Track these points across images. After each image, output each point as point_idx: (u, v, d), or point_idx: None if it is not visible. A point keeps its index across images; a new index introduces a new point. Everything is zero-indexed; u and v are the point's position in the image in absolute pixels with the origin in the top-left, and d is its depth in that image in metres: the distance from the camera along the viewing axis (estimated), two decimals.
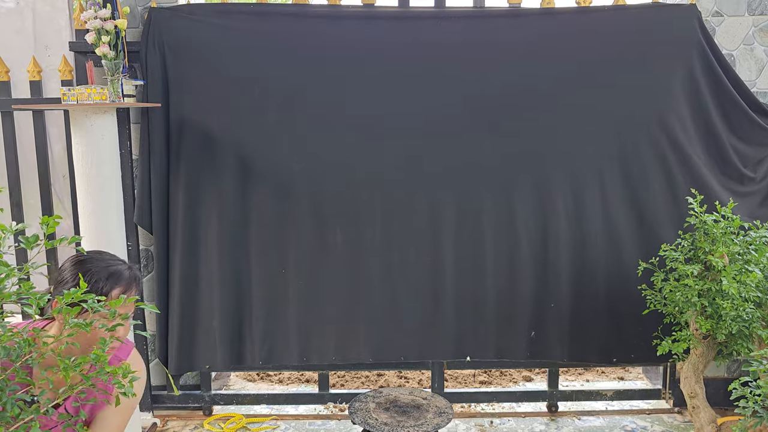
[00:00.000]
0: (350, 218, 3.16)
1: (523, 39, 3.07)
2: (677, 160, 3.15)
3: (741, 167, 3.19)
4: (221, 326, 3.21)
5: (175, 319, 3.18)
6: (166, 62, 3.04)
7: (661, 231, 3.19)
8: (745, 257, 2.70)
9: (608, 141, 3.15)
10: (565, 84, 3.09)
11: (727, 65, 3.12)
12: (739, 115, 3.13)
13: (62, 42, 3.35)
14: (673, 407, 3.46)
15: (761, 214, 3.16)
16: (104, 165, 2.91)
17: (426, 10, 3.11)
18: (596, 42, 3.08)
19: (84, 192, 2.91)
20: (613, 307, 3.24)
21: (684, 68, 3.09)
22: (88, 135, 2.85)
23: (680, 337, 2.84)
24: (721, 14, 3.20)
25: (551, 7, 3.14)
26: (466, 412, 3.47)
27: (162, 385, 3.40)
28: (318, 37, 3.04)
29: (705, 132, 3.15)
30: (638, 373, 3.99)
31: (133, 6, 3.12)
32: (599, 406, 3.54)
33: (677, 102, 3.11)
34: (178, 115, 3.08)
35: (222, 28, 3.04)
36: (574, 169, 3.16)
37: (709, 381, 3.08)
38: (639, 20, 3.10)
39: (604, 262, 3.22)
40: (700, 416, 2.85)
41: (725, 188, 3.20)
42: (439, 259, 3.21)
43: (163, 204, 3.14)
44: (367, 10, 3.09)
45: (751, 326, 2.62)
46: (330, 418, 3.43)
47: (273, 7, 3.17)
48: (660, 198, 3.18)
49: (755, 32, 3.22)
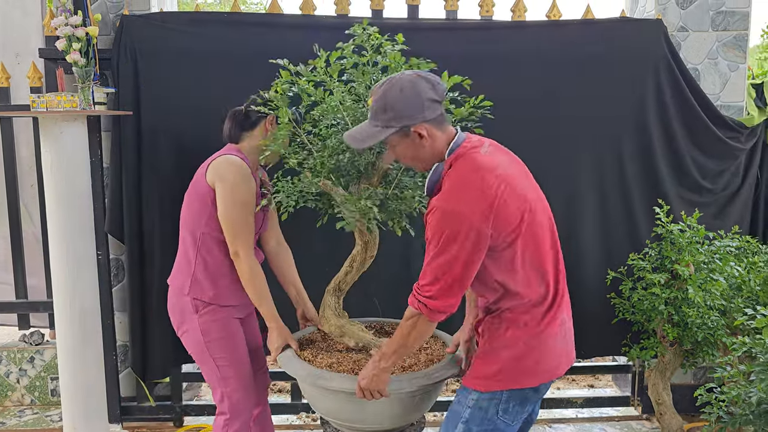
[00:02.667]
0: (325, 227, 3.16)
1: (494, 51, 3.11)
2: (639, 169, 3.22)
3: (699, 179, 3.27)
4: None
5: (156, 326, 3.15)
6: (138, 70, 3.02)
7: (617, 240, 3.26)
8: (710, 266, 2.77)
9: (575, 151, 3.20)
10: (535, 96, 3.14)
11: (691, 79, 3.20)
12: (700, 128, 3.21)
13: (32, 49, 3.31)
14: (642, 414, 3.52)
15: (716, 226, 3.23)
16: (74, 173, 2.88)
17: (398, 22, 3.14)
18: (565, 55, 3.14)
19: (53, 201, 2.87)
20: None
21: (650, 81, 3.16)
22: (57, 143, 2.82)
23: (648, 344, 2.89)
24: (687, 29, 3.29)
25: (522, 20, 3.19)
26: (438, 422, 3.48)
27: (132, 396, 3.36)
28: (292, 47, 3.04)
29: (667, 143, 3.23)
30: (608, 381, 4.05)
31: (104, 13, 3.10)
32: (569, 413, 3.58)
33: (642, 114, 3.18)
34: (150, 123, 3.06)
35: (195, 37, 3.03)
36: (538, 177, 3.19)
37: (676, 387, 3.14)
38: (607, 34, 3.16)
39: None
40: (668, 422, 2.91)
41: (683, 199, 3.27)
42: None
43: (136, 212, 3.11)
44: (341, 21, 3.11)
45: (716, 333, 2.68)
46: (303, 428, 3.42)
47: (246, 17, 3.17)
48: (618, 207, 3.25)
49: (719, 47, 3.31)
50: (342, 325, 2.39)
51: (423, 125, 1.76)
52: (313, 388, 2.18)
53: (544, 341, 1.84)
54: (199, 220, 2.34)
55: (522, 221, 1.75)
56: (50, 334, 3.71)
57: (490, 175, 1.73)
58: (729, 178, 3.32)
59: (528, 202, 1.77)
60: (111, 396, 3.21)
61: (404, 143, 1.80)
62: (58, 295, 2.93)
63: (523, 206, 1.75)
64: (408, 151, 1.82)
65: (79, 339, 2.94)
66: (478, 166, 1.74)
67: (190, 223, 2.37)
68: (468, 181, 1.72)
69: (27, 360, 3.62)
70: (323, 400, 2.22)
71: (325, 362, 2.26)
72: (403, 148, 1.82)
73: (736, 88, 3.34)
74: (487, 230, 1.70)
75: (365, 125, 1.82)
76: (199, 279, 2.34)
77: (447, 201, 1.72)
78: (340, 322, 2.40)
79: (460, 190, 1.72)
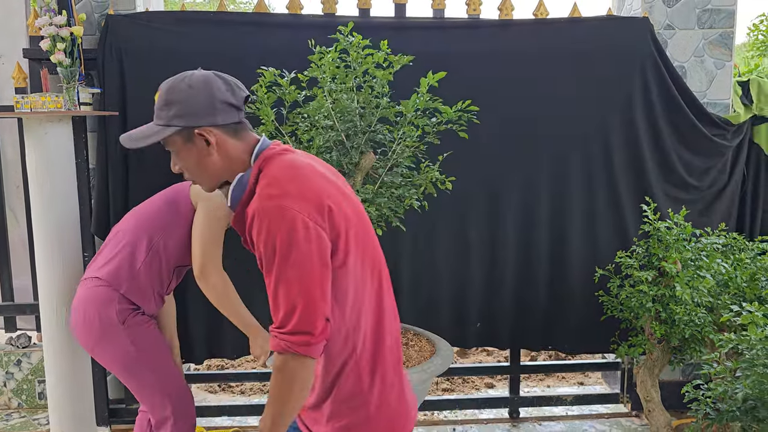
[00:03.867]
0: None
1: (481, 50, 3.12)
2: (625, 167, 3.23)
3: (686, 176, 3.28)
4: (195, 324, 3.18)
5: None
6: (124, 70, 3.00)
7: (605, 238, 3.27)
8: (697, 263, 2.78)
9: (562, 149, 3.20)
10: (521, 94, 3.14)
11: (678, 77, 3.21)
12: (687, 125, 3.22)
13: (17, 49, 3.28)
14: (631, 411, 3.53)
15: (703, 223, 3.25)
16: (59, 174, 2.86)
17: (385, 21, 3.14)
18: (552, 53, 3.14)
19: (38, 202, 2.84)
20: (555, 299, 3.32)
21: (637, 79, 3.17)
22: (42, 144, 2.80)
23: (636, 341, 2.90)
24: (673, 27, 3.30)
25: (509, 18, 3.20)
26: (428, 421, 3.48)
27: (120, 399, 3.33)
28: (279, 46, 3.03)
29: (653, 141, 3.24)
30: (597, 378, 4.06)
31: (89, 13, 3.07)
32: (559, 411, 3.59)
33: (629, 111, 3.19)
34: (136, 123, 2.97)
35: (181, 36, 3.01)
36: (527, 176, 3.22)
37: (665, 384, 3.15)
38: (594, 33, 3.17)
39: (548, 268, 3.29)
40: (656, 419, 2.92)
41: (669, 196, 3.29)
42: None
43: (122, 214, 3.06)
44: (328, 20, 3.10)
45: (703, 330, 2.69)
46: None
47: (233, 16, 3.16)
48: (606, 205, 3.26)
49: (705, 45, 3.33)
50: None
51: (212, 130, 1.48)
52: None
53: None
54: (165, 229, 2.36)
55: (347, 239, 1.45)
56: (37, 336, 3.68)
57: (314, 173, 1.47)
58: (715, 175, 3.33)
59: (350, 220, 1.48)
60: (99, 398, 3.19)
61: (187, 148, 1.52)
62: (45, 298, 2.90)
63: (347, 224, 1.46)
64: (191, 157, 1.53)
65: (66, 341, 2.92)
66: (297, 164, 1.47)
67: (151, 227, 2.37)
68: (290, 175, 1.44)
69: (14, 363, 3.59)
70: None
71: None
72: (186, 153, 1.53)
73: (722, 86, 3.35)
74: (324, 226, 1.40)
75: (149, 124, 1.56)
76: (140, 282, 2.34)
77: (268, 198, 1.38)
78: None
79: (282, 182, 1.41)
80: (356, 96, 2.38)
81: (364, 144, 2.37)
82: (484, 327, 3.31)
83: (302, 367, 1.39)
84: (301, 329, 1.37)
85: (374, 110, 2.40)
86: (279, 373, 1.40)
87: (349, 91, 2.31)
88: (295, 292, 1.36)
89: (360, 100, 2.40)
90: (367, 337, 1.51)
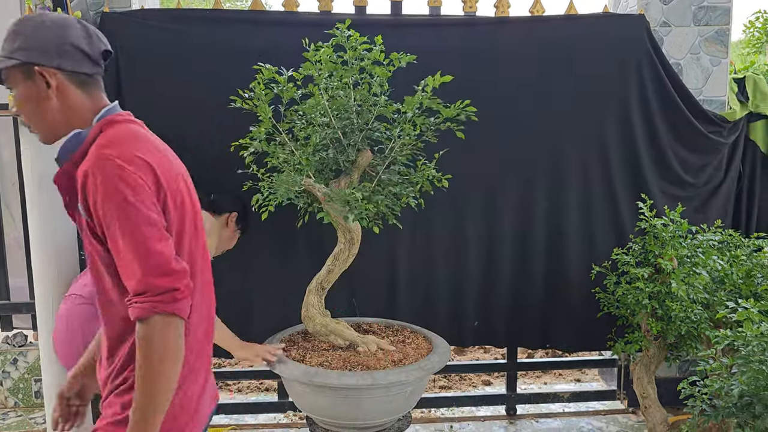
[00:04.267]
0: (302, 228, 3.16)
1: (478, 47, 3.11)
2: (622, 164, 3.24)
3: (682, 173, 3.29)
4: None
5: None
6: (120, 67, 2.98)
7: (602, 235, 3.27)
8: (693, 260, 2.79)
9: (558, 146, 3.20)
10: (517, 91, 3.14)
11: (674, 74, 3.22)
12: (683, 122, 3.23)
13: None
14: (628, 407, 3.54)
15: (699, 219, 3.25)
16: (54, 173, 2.84)
17: (381, 18, 3.13)
18: (548, 50, 3.14)
19: (34, 201, 2.83)
20: (552, 297, 3.32)
21: (633, 76, 3.17)
22: (37, 142, 2.77)
23: (632, 338, 2.91)
24: (669, 24, 3.30)
25: (505, 16, 3.19)
26: (426, 418, 3.49)
27: None
28: (275, 43, 3.03)
29: (649, 138, 3.24)
30: (594, 375, 4.07)
31: (84, 10, 3.06)
32: (556, 408, 3.59)
33: (625, 109, 3.19)
34: None
35: (177, 34, 3.00)
36: (523, 173, 3.22)
37: (661, 381, 3.16)
38: (590, 30, 3.17)
39: (544, 263, 3.29)
40: (653, 416, 2.92)
41: (665, 193, 3.30)
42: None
43: None
44: (324, 17, 3.09)
45: (699, 327, 2.69)
46: (290, 427, 3.41)
47: (229, 13, 3.14)
48: (602, 202, 3.26)
49: (701, 42, 3.33)
50: (327, 324, 2.40)
51: (55, 72, 1.39)
52: (308, 386, 2.18)
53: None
54: None
55: (182, 222, 1.43)
56: (33, 335, 3.67)
57: (156, 149, 1.43)
58: (711, 172, 3.34)
59: (186, 207, 1.46)
60: (95, 397, 3.18)
61: (26, 86, 1.41)
62: (41, 296, 2.89)
63: (183, 210, 1.44)
64: (30, 99, 1.43)
65: None
66: (141, 135, 1.44)
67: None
68: (131, 140, 1.39)
69: (10, 362, 3.58)
70: (316, 398, 2.22)
71: (315, 361, 2.27)
72: (25, 93, 1.42)
73: (718, 83, 3.36)
74: (158, 196, 1.36)
75: None
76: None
77: (105, 157, 1.32)
78: (325, 321, 2.40)
79: (120, 145, 1.36)
80: (353, 93, 2.38)
81: (361, 141, 2.37)
82: (482, 325, 3.32)
83: (172, 327, 1.30)
84: (164, 286, 1.29)
85: (371, 108, 2.40)
86: (145, 342, 1.29)
87: (346, 88, 2.30)
88: (144, 249, 1.29)
89: (357, 98, 2.40)
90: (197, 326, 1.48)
